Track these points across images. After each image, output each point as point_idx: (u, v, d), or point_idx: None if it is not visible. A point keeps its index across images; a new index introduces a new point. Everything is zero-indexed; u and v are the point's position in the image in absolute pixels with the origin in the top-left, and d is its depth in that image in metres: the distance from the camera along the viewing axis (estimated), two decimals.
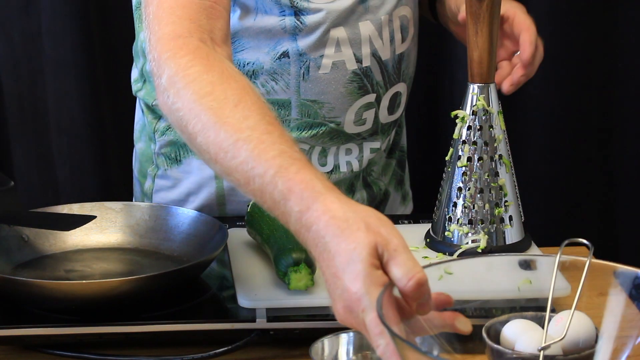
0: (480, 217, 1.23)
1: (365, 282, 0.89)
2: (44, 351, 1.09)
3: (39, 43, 2.00)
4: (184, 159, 1.41)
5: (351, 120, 1.36)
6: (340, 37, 1.32)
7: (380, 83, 1.36)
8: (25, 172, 2.08)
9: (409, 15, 1.37)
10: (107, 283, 1.09)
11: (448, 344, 0.94)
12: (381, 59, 1.35)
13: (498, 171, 1.23)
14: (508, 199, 1.23)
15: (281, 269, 1.13)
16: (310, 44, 1.31)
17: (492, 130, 1.23)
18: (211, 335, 1.09)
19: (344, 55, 1.33)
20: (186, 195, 1.41)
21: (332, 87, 1.34)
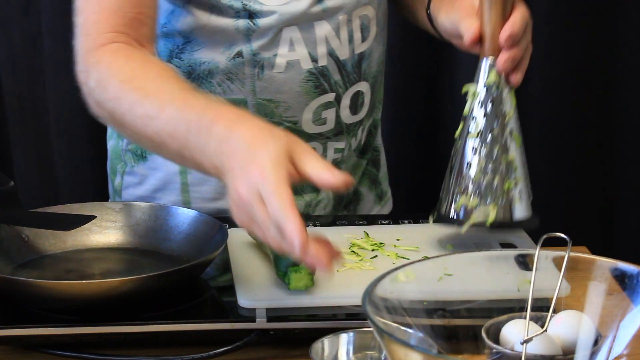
0: (489, 191, 1.21)
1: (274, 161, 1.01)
2: (44, 351, 1.09)
3: (39, 43, 2.00)
4: (149, 156, 1.42)
5: (309, 119, 1.36)
6: (294, 37, 1.32)
7: (339, 82, 1.36)
8: (25, 172, 2.08)
9: (371, 14, 1.37)
10: (107, 283, 1.09)
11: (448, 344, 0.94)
12: (339, 59, 1.35)
13: (508, 146, 1.22)
14: (518, 174, 1.22)
15: (281, 269, 1.13)
16: (263, 44, 1.32)
17: (503, 105, 1.22)
18: (211, 335, 1.09)
19: (298, 55, 1.33)
20: (152, 191, 1.43)
21: (287, 86, 1.34)
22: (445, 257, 0.98)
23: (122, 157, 1.45)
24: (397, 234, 1.28)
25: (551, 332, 0.93)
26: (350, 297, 1.10)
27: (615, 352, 0.92)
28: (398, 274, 0.93)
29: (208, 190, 1.40)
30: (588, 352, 0.92)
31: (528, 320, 0.92)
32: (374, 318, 0.85)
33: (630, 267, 0.93)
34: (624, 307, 0.93)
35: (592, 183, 2.11)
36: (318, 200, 1.41)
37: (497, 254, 1.04)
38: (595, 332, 0.93)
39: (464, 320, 0.97)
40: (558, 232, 0.93)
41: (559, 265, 0.94)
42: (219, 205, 1.39)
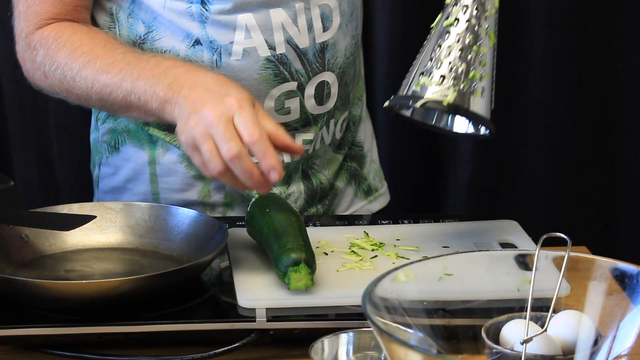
0: (453, 74, 1.17)
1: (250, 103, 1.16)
2: (44, 351, 1.09)
3: None
4: (121, 147, 1.43)
5: (271, 107, 1.36)
6: (249, 23, 1.32)
7: (301, 71, 1.35)
8: (25, 172, 2.08)
9: (332, 4, 1.36)
10: (107, 283, 1.09)
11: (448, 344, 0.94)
12: (298, 47, 1.34)
13: (482, 40, 1.18)
14: (485, 70, 1.18)
15: (281, 268, 1.13)
16: (218, 31, 1.32)
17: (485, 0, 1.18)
18: (211, 335, 1.09)
19: (254, 42, 1.33)
20: (125, 182, 1.44)
21: (246, 73, 1.34)
22: (445, 257, 0.97)
23: (98, 148, 1.47)
24: (397, 234, 1.28)
25: (551, 332, 0.93)
26: (350, 297, 1.11)
27: (615, 352, 0.92)
28: (398, 274, 0.93)
29: (175, 181, 1.41)
30: (588, 352, 0.92)
31: (528, 320, 0.92)
32: (374, 318, 0.85)
33: (630, 267, 0.93)
34: (624, 307, 0.93)
35: (592, 183, 2.11)
36: (288, 193, 1.41)
37: (497, 254, 1.04)
38: (595, 332, 0.93)
39: (464, 320, 0.97)
40: (558, 232, 0.93)
41: (559, 265, 0.94)
42: (186, 196, 1.40)
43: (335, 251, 1.23)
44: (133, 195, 1.43)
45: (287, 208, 1.23)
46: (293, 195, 1.42)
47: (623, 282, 0.93)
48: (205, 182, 1.40)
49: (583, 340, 0.93)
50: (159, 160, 1.40)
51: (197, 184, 1.40)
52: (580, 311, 0.95)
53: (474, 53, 1.17)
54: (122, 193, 1.45)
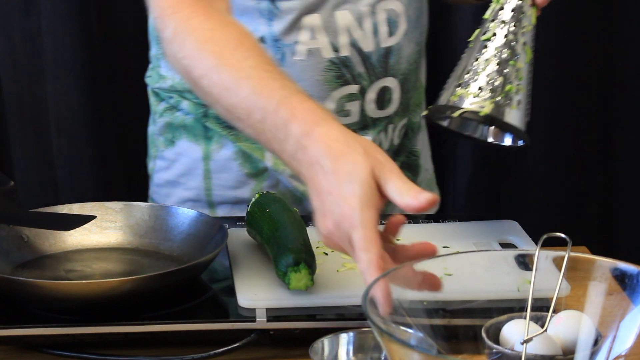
0: (491, 87, 1.19)
1: (362, 200, 0.96)
2: (44, 351, 1.09)
3: (39, 43, 2.00)
4: (177, 141, 1.44)
5: (332, 109, 1.36)
6: (315, 24, 1.32)
7: (363, 75, 1.36)
8: (25, 172, 2.08)
9: (399, 9, 1.36)
10: (107, 283, 1.09)
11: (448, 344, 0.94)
12: (362, 50, 1.34)
13: (519, 55, 1.20)
14: (522, 84, 1.20)
15: (281, 269, 1.13)
16: (283, 30, 1.32)
17: (523, 18, 1.20)
18: (211, 335, 1.09)
19: (319, 43, 1.33)
20: (179, 176, 1.44)
21: (308, 74, 1.34)
22: (445, 257, 0.97)
23: (155, 141, 1.48)
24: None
25: (551, 332, 0.93)
26: (350, 297, 1.10)
27: (615, 352, 0.92)
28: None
29: (228, 178, 1.41)
30: (588, 352, 0.92)
31: (528, 320, 0.92)
32: (374, 318, 0.85)
33: (630, 267, 0.93)
34: (624, 307, 0.93)
35: (592, 183, 2.11)
36: None
37: (497, 254, 1.04)
38: (595, 332, 0.93)
39: (464, 320, 0.97)
40: (558, 232, 0.93)
41: (559, 265, 0.94)
42: (239, 194, 1.41)
43: (335, 251, 1.23)
44: (186, 190, 1.44)
45: (287, 208, 1.23)
46: None
47: (623, 282, 0.93)
48: (258, 180, 1.41)
49: (583, 340, 0.93)
50: (213, 156, 1.41)
51: (250, 181, 1.41)
52: (580, 311, 0.94)
53: (510, 67, 1.19)
54: (175, 187, 1.45)
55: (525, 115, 1.21)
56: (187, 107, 1.43)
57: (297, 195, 1.41)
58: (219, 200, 1.43)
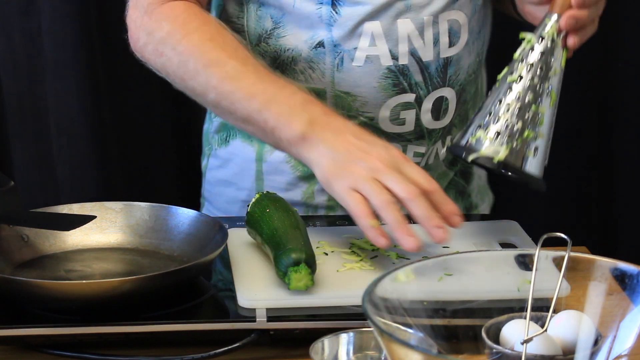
0: (508, 132, 1.20)
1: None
2: (44, 351, 1.09)
3: (39, 43, 2.00)
4: (231, 140, 1.45)
5: (386, 117, 1.35)
6: (375, 31, 1.32)
7: (421, 84, 1.35)
8: (25, 172, 2.08)
9: (462, 21, 1.35)
10: (107, 283, 1.09)
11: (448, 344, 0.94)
12: (421, 60, 1.34)
13: (542, 99, 1.20)
14: (542, 129, 1.21)
15: (281, 269, 1.13)
16: (343, 35, 1.32)
17: (551, 61, 1.21)
18: (211, 335, 1.09)
19: (378, 50, 1.32)
20: (231, 175, 1.46)
21: (365, 80, 1.34)
22: (445, 257, 0.97)
23: (209, 140, 1.49)
24: None
25: (551, 332, 0.93)
26: (350, 297, 1.10)
27: (615, 352, 0.92)
28: (398, 274, 0.93)
29: (280, 180, 1.42)
30: (588, 352, 0.92)
31: (528, 320, 0.92)
32: (374, 318, 0.85)
33: (630, 267, 0.93)
34: (624, 307, 0.93)
35: (592, 183, 2.11)
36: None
37: (497, 254, 1.04)
38: (595, 332, 0.93)
39: (464, 320, 0.97)
40: (558, 232, 0.93)
41: (559, 265, 0.94)
42: (290, 196, 1.41)
43: (335, 251, 1.23)
44: (238, 190, 1.45)
45: (287, 208, 1.23)
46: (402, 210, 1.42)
47: (623, 282, 0.93)
48: (309, 184, 1.41)
49: (583, 340, 0.93)
50: (265, 158, 1.42)
51: (302, 184, 1.41)
52: (581, 311, 0.94)
53: (532, 112, 1.20)
54: (227, 186, 1.46)
55: (543, 160, 1.22)
56: None
57: None
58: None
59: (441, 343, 0.93)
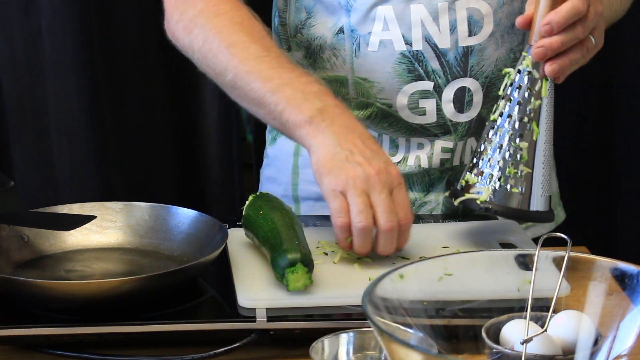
0: (491, 172, 1.20)
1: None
2: (44, 351, 1.09)
3: (39, 43, 2.00)
4: (278, 138, 1.48)
5: (404, 104, 1.35)
6: (388, 15, 1.32)
7: (438, 72, 1.34)
8: (25, 172, 2.08)
9: (485, 11, 1.33)
10: (107, 283, 1.09)
11: (448, 344, 0.94)
12: (437, 46, 1.33)
13: (523, 134, 1.20)
14: (526, 164, 1.20)
15: (278, 270, 1.12)
16: (359, 20, 1.34)
17: (531, 93, 1.20)
18: (211, 335, 1.09)
19: (391, 35, 1.33)
20: (275, 171, 1.48)
21: (380, 66, 1.34)
22: (445, 257, 0.97)
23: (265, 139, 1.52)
24: None
25: (551, 332, 0.93)
26: (350, 297, 1.10)
27: (615, 352, 0.92)
28: (398, 274, 0.93)
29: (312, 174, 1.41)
30: (588, 352, 0.92)
31: (528, 320, 0.92)
32: (374, 318, 0.85)
33: (630, 267, 0.93)
34: (624, 307, 0.93)
35: (592, 183, 2.11)
36: (424, 201, 1.41)
37: (497, 254, 1.03)
38: (595, 332, 0.93)
39: (464, 320, 0.97)
40: (558, 232, 0.93)
41: (559, 265, 0.94)
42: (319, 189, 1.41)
43: (335, 251, 1.23)
44: (278, 185, 1.47)
45: (280, 208, 1.23)
46: (429, 205, 1.42)
47: (623, 282, 0.93)
48: None
49: (583, 340, 0.93)
50: (301, 151, 1.44)
51: None
52: (580, 311, 0.94)
53: (512, 149, 1.19)
54: (271, 183, 1.49)
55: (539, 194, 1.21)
56: None
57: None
58: (304, 196, 1.45)
59: (441, 343, 0.93)
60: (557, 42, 1.18)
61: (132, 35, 2.09)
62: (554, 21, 1.17)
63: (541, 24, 1.18)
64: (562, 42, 1.19)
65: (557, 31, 1.18)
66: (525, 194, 1.21)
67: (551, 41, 1.18)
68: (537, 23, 1.19)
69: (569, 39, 1.19)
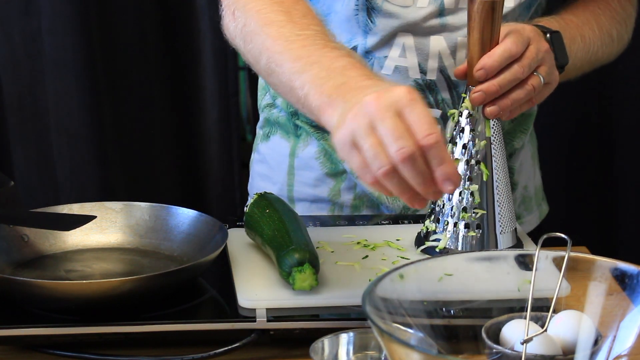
0: (446, 218, 1.21)
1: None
2: (44, 351, 1.09)
3: (39, 43, 2.00)
4: (272, 136, 1.47)
5: None
6: (407, 43, 1.32)
7: (448, 101, 1.34)
8: (25, 172, 2.08)
9: None
10: (107, 283, 1.09)
11: (448, 344, 0.94)
12: (450, 78, 1.33)
13: (472, 176, 1.20)
14: (479, 206, 1.20)
15: (285, 269, 1.12)
16: (375, 43, 1.32)
17: (474, 134, 1.20)
18: (211, 335, 1.09)
19: (407, 62, 1.32)
20: (269, 169, 1.47)
21: None
22: (445, 257, 0.97)
23: (257, 134, 1.51)
24: (397, 234, 1.28)
25: (551, 332, 0.93)
26: (351, 297, 1.11)
27: (615, 352, 0.92)
28: (398, 274, 0.93)
29: (309, 176, 1.43)
30: (588, 352, 0.92)
31: (528, 320, 0.92)
32: (374, 318, 0.85)
33: (630, 267, 0.93)
34: (624, 307, 0.93)
35: (592, 183, 2.11)
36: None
37: (497, 254, 1.04)
38: (595, 332, 0.93)
39: (464, 320, 0.97)
40: (558, 232, 0.93)
41: (559, 265, 0.94)
42: (317, 192, 1.42)
43: (335, 251, 1.23)
44: (273, 185, 1.47)
45: (287, 208, 1.23)
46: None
47: (623, 282, 0.93)
48: (336, 181, 1.42)
49: (583, 340, 0.93)
50: (298, 153, 1.43)
51: (329, 181, 1.42)
52: (581, 311, 0.95)
53: (463, 193, 1.21)
54: (264, 180, 1.48)
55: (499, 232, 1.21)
56: (280, 104, 1.46)
57: (374, 200, 1.40)
58: (299, 197, 1.45)
59: (441, 343, 0.93)
60: (495, 85, 1.17)
61: (132, 35, 2.09)
62: (487, 65, 1.16)
63: (475, 70, 1.17)
64: (499, 85, 1.17)
65: (492, 74, 1.17)
66: (484, 235, 1.21)
67: (488, 85, 1.17)
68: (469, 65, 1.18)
69: (507, 81, 1.17)
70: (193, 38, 2.10)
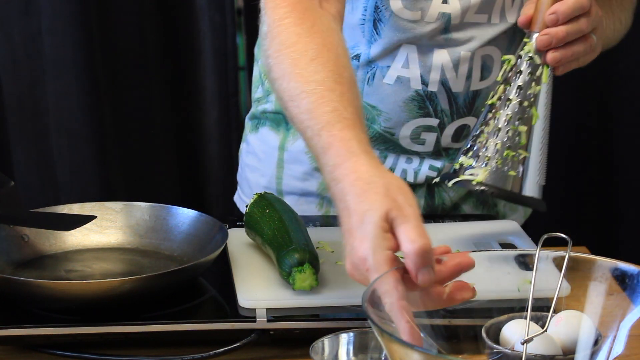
0: (487, 154, 1.19)
1: (373, 243, 0.94)
2: (44, 351, 1.09)
3: (39, 43, 2.00)
4: (261, 128, 1.48)
5: (407, 136, 1.36)
6: (410, 55, 1.32)
7: (446, 112, 1.35)
8: (25, 172, 2.08)
9: (496, 56, 1.35)
10: (107, 283, 1.09)
11: (448, 344, 0.94)
12: (451, 90, 1.34)
13: (522, 118, 1.19)
14: (524, 148, 1.19)
15: (285, 269, 1.12)
16: (379, 53, 1.33)
17: (531, 79, 1.20)
18: (211, 335, 1.09)
19: (410, 73, 1.33)
20: (257, 161, 1.48)
21: (392, 99, 1.34)
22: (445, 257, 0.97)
23: (246, 125, 1.52)
24: None
25: (551, 332, 0.93)
26: (351, 297, 1.10)
27: (615, 352, 0.92)
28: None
29: (298, 170, 1.43)
30: (588, 352, 0.92)
31: (528, 320, 0.92)
32: (374, 318, 0.85)
33: (630, 267, 0.93)
34: (624, 307, 0.93)
35: (592, 183, 2.11)
36: None
37: (497, 254, 1.04)
38: (595, 332, 0.93)
39: (464, 320, 0.97)
40: (558, 232, 0.93)
41: (559, 265, 0.94)
42: (306, 186, 1.43)
43: (335, 251, 1.23)
44: (261, 177, 1.47)
45: (287, 208, 1.23)
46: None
47: (623, 282, 0.93)
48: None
49: (583, 340, 0.93)
50: (287, 146, 1.44)
51: (318, 175, 1.42)
52: (581, 311, 0.95)
53: (511, 132, 1.19)
54: (253, 172, 1.49)
55: (535, 180, 1.20)
56: (273, 99, 1.46)
57: None
58: (288, 190, 1.45)
59: (441, 343, 0.93)
60: (563, 31, 1.19)
61: (132, 35, 2.09)
62: (560, 11, 1.18)
63: (547, 14, 1.19)
64: (567, 32, 1.19)
65: (562, 21, 1.19)
66: (522, 177, 1.20)
67: (557, 30, 1.19)
68: (540, 12, 1.19)
69: (573, 30, 1.20)
70: (193, 38, 2.10)
